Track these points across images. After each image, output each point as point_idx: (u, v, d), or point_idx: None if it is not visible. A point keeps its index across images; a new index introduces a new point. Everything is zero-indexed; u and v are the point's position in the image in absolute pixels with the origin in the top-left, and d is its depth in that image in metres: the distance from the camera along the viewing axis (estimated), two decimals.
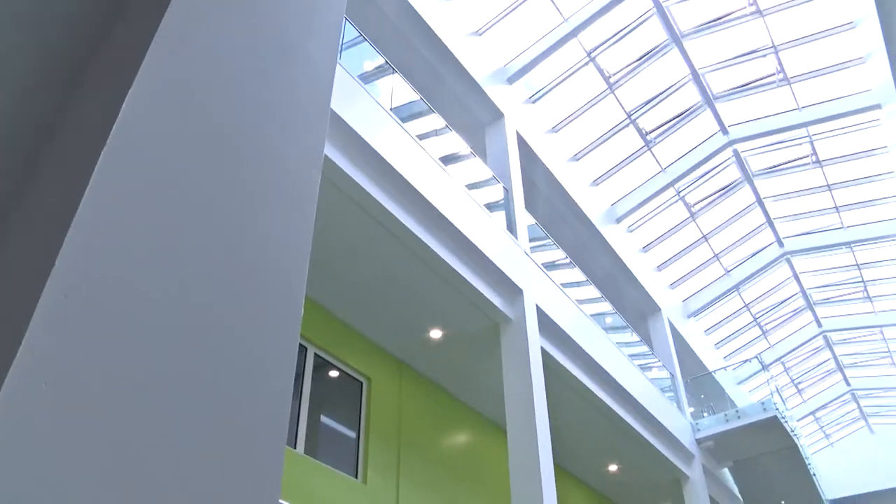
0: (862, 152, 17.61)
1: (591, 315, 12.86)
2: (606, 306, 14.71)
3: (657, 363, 16.44)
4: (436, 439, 11.60)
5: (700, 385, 18.40)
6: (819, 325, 25.55)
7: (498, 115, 12.34)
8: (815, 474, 17.01)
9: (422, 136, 9.38)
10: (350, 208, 8.14)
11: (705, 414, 16.99)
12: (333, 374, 10.16)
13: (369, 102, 8.16)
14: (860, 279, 23.03)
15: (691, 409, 16.85)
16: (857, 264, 22.17)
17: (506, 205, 11.18)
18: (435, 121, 10.25)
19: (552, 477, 8.97)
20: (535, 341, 9.98)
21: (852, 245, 21.09)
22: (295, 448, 8.84)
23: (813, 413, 30.31)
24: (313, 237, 1.78)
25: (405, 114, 9.52)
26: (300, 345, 9.40)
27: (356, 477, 9.70)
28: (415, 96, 9.97)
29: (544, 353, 10.45)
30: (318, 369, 9.85)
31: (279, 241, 1.73)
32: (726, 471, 17.12)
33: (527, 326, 9.90)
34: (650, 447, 13.95)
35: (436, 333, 10.75)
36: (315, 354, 9.78)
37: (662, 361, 16.69)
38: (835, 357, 27.84)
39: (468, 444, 12.38)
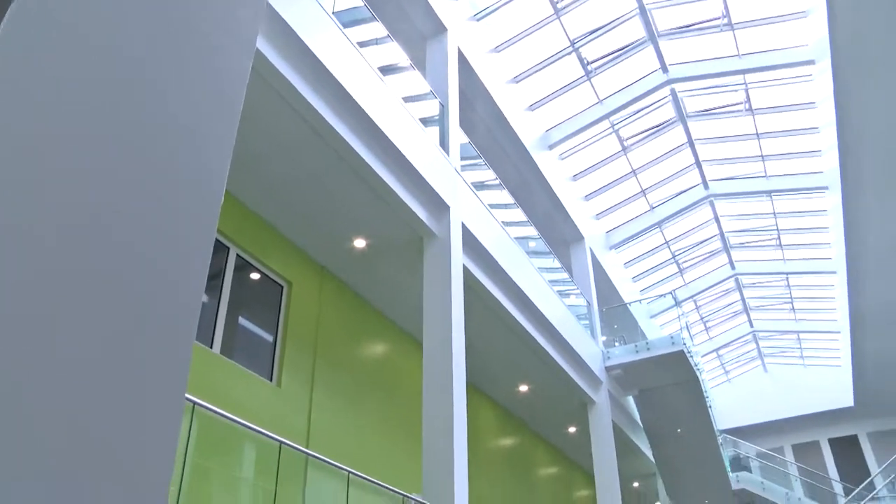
0: (792, 105, 18.00)
1: (516, 238, 13.04)
2: (531, 231, 14.94)
3: (575, 291, 16.86)
4: (352, 348, 11.76)
5: (614, 315, 18.97)
6: (732, 267, 26.50)
7: (441, 29, 12.16)
8: (710, 406, 17.87)
9: (362, 44, 9.21)
10: (283, 108, 8.00)
11: (617, 343, 17.58)
12: (254, 276, 10.13)
13: (311, 2, 7.95)
14: (775, 228, 23.85)
15: (604, 338, 17.41)
16: (774, 213, 22.92)
17: (440, 121, 11.14)
18: (376, 29, 10.06)
19: (464, 393, 9.23)
20: (458, 259, 10.11)
21: (772, 194, 21.75)
22: (211, 348, 8.85)
23: (716, 350, 31.70)
24: (243, 137, 1.77)
25: (347, 19, 9.30)
26: (222, 244, 9.35)
27: (271, 380, 9.80)
28: (358, 2, 9.74)
29: (466, 271, 10.60)
30: (240, 270, 9.80)
31: (202, 128, 1.71)
32: (630, 398, 17.84)
33: (451, 243, 10.00)
34: (561, 371, 14.41)
35: (360, 243, 10.79)
36: (237, 255, 9.71)
37: (581, 289, 17.12)
38: (743, 299, 29.00)
39: (384, 354, 12.58)
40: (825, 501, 19.87)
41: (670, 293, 22.04)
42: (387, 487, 7.35)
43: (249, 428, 5.69)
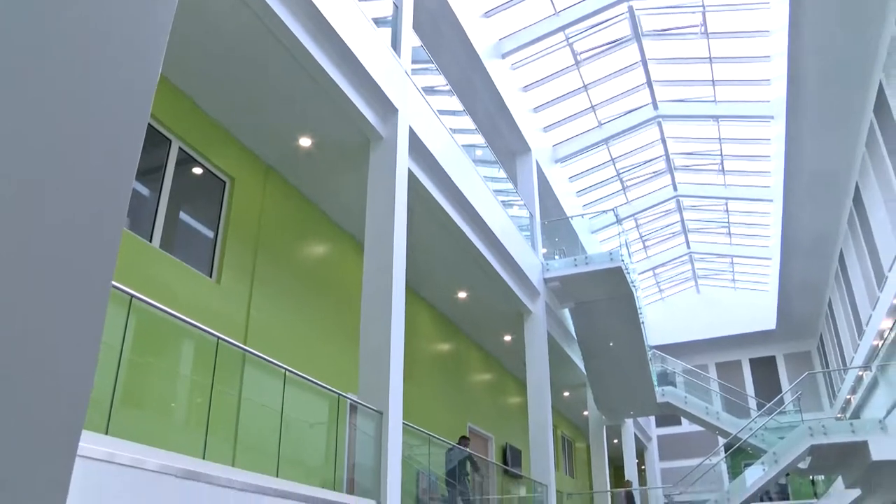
0: (746, 32, 18.03)
1: (463, 146, 13.02)
2: (478, 139, 14.91)
3: (519, 202, 16.99)
4: (294, 247, 11.75)
5: (556, 228, 19.22)
6: (675, 189, 26.96)
7: None
8: (643, 322, 18.40)
9: None
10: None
11: (556, 256, 17.85)
12: (197, 170, 9.96)
13: None
14: (719, 153, 24.22)
15: (544, 250, 17.66)
16: (719, 138, 23.23)
17: (393, 22, 10.91)
18: None
19: (402, 296, 9.35)
20: (404, 162, 10.08)
21: (719, 119, 22.00)
22: (151, 242, 8.76)
23: (653, 269, 32.52)
24: (188, 29, 1.73)
25: None
26: (164, 137, 9.15)
27: (211, 276, 9.77)
28: None
29: (411, 175, 10.58)
30: (182, 164, 9.62)
31: (137, 8, 1.65)
32: (566, 310, 18.27)
33: (397, 146, 9.94)
34: (500, 280, 14.64)
35: (305, 142, 10.66)
36: (179, 148, 9.52)
37: (524, 201, 17.26)
38: (682, 221, 29.62)
39: (325, 255, 12.61)
40: (740, 415, 20.85)
41: (612, 210, 22.36)
42: (323, 386, 7.49)
43: (187, 322, 5.70)
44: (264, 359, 6.63)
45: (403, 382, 8.98)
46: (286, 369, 6.85)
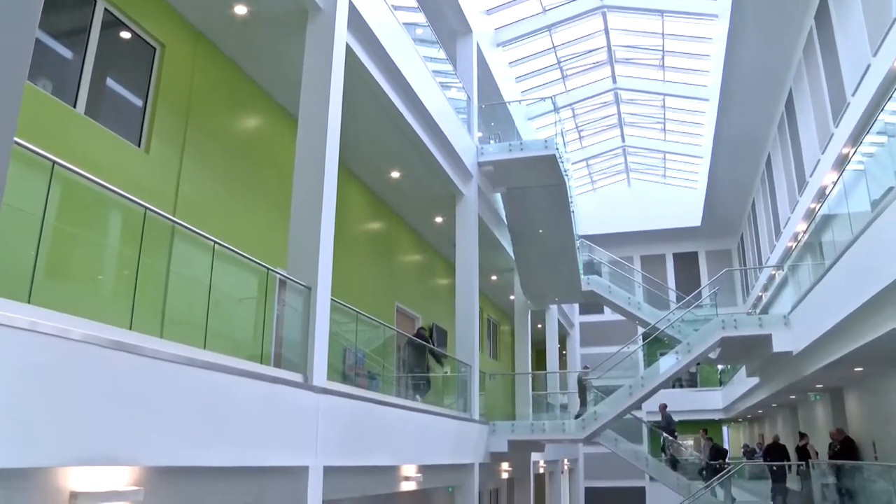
0: None
1: (403, 24, 12.67)
2: (420, 17, 14.52)
3: (457, 84, 16.75)
4: (226, 118, 11.44)
5: (493, 113, 19.08)
6: (614, 81, 26.93)
7: None
8: (573, 212, 18.67)
9: None
10: None
11: (492, 141, 17.80)
12: (125, 35, 9.48)
13: None
14: (661, 48, 24.14)
15: (480, 134, 17.57)
16: (662, 33, 23.11)
17: None
18: None
19: (335, 173, 9.25)
20: (342, 36, 9.78)
21: (664, 14, 21.83)
22: (75, 107, 8.39)
23: (586, 160, 32.82)
24: None
25: None
26: None
27: (139, 145, 9.47)
28: None
29: (349, 49, 10.29)
30: (108, 28, 9.11)
31: None
32: (498, 195, 18.39)
33: (336, 19, 9.61)
34: (434, 161, 14.58)
35: (241, 10, 10.24)
36: (105, 10, 9.00)
37: (463, 83, 17.03)
38: (619, 114, 29.76)
39: (258, 128, 12.33)
40: (660, 306, 21.65)
41: (550, 98, 22.26)
42: (252, 260, 7.46)
43: (113, 191, 5.55)
44: (193, 231, 6.55)
45: (333, 260, 9.01)
46: (215, 242, 6.79)
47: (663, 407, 22.25)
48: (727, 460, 20.89)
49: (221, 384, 6.35)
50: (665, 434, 20.91)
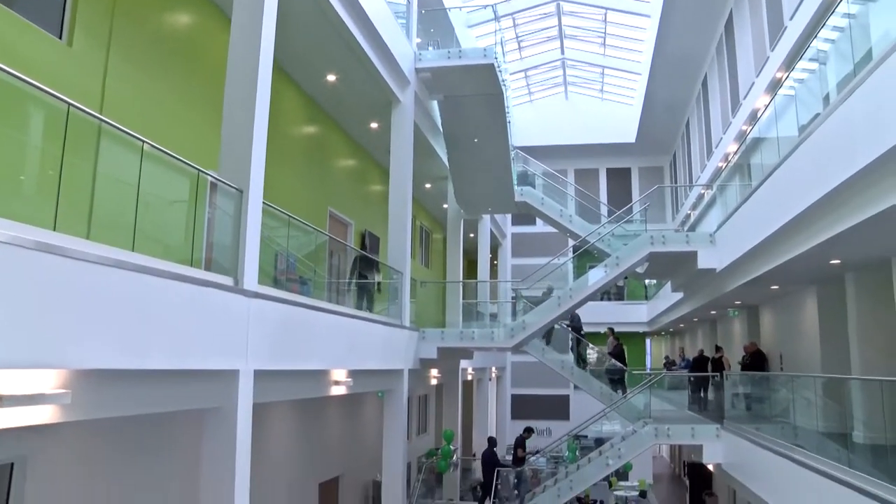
0: None
1: None
2: None
3: None
4: (156, 12, 10.91)
5: (432, 19, 18.65)
6: None
7: None
8: (510, 122, 18.61)
9: None
10: None
11: (430, 47, 17.48)
12: None
13: None
14: None
15: (418, 40, 17.20)
16: None
17: None
18: None
19: (269, 74, 8.97)
20: None
21: None
22: None
23: (525, 71, 32.58)
24: None
25: None
26: None
27: (60, 38, 8.95)
28: None
29: None
30: None
31: None
32: (435, 103, 18.18)
33: None
34: (371, 65, 14.26)
35: None
36: None
37: None
38: (560, 26, 29.45)
39: (190, 24, 11.82)
40: (591, 220, 21.95)
41: (491, 6, 21.87)
42: (182, 161, 7.26)
43: (32, 85, 5.25)
44: (120, 129, 6.31)
45: (266, 163, 8.84)
46: (143, 141, 6.57)
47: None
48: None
49: (151, 287, 6.26)
50: (572, 332, 21.44)
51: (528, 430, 19.05)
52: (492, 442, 18.31)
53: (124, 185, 6.68)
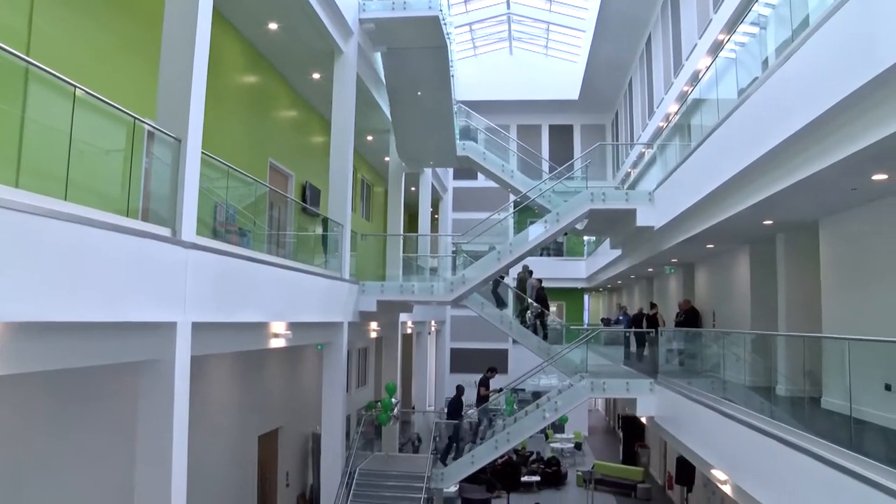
0: None
1: None
2: None
3: None
4: None
5: None
6: None
7: None
8: (453, 76, 18.47)
9: None
10: None
11: None
12: None
13: None
14: None
15: None
16: None
17: None
18: None
19: (209, 19, 8.72)
20: None
21: None
22: None
23: (470, 24, 32.30)
24: None
25: None
26: None
27: None
28: None
29: None
30: None
31: None
32: (378, 55, 17.93)
33: None
34: (313, 14, 13.95)
35: None
36: None
37: None
38: None
39: None
40: (533, 176, 22.06)
41: None
42: (117, 107, 7.04)
43: None
44: (48, 72, 6.07)
45: (205, 112, 8.65)
46: (75, 86, 6.35)
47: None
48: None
49: (85, 237, 6.11)
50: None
51: (492, 370, 19.30)
52: (460, 390, 18.53)
53: (56, 132, 6.45)
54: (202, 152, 8.56)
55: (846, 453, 6.83)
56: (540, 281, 22.19)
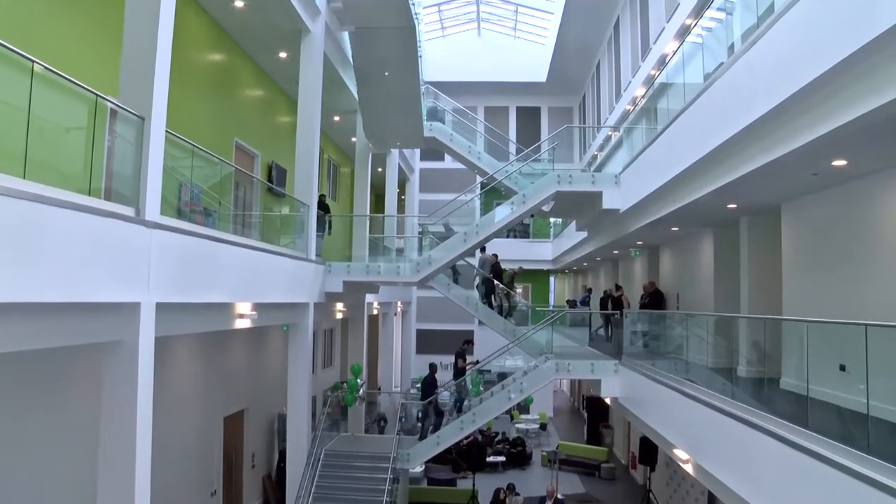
0: None
1: None
2: None
3: None
4: None
5: None
6: None
7: None
8: (421, 57, 18.38)
9: None
10: None
11: None
12: None
13: None
14: None
15: None
16: None
17: None
18: None
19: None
20: None
21: None
22: None
23: (438, 5, 32.14)
24: None
25: None
26: None
27: None
28: None
29: None
30: None
31: None
32: (346, 34, 17.78)
33: None
34: None
35: None
36: None
37: None
38: None
39: None
40: (500, 158, 22.11)
41: None
42: (78, 84, 6.91)
43: None
44: (5, 46, 5.90)
45: (169, 90, 8.53)
46: (34, 61, 6.21)
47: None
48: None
49: (45, 217, 6.01)
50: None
51: (468, 342, 19.38)
52: (433, 368, 18.57)
53: (14, 108, 6.31)
54: (166, 131, 8.45)
55: (803, 432, 6.99)
56: (496, 256, 22.27)
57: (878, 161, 8.25)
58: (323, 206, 18.28)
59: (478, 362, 19.23)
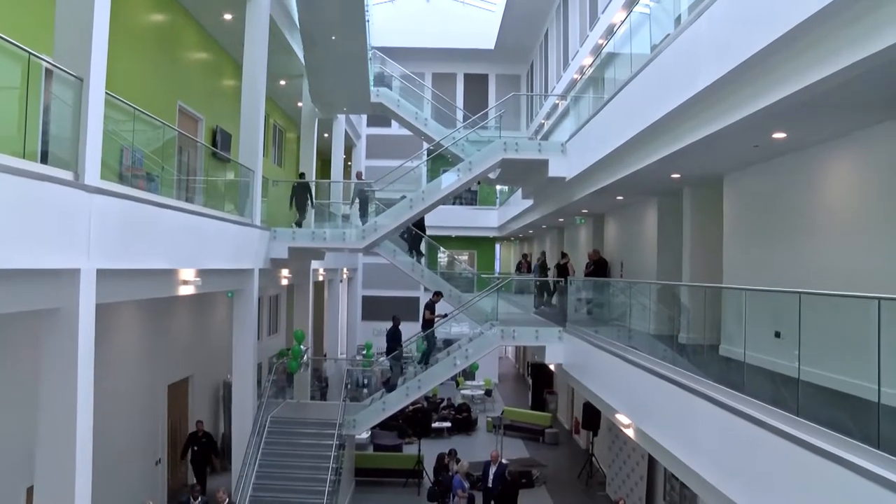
0: None
1: None
2: None
3: None
4: None
5: None
6: None
7: None
8: (369, 21, 18.14)
9: None
10: None
11: None
12: None
13: None
14: None
15: None
16: None
17: None
18: None
19: None
20: None
21: None
22: None
23: None
24: None
25: None
26: None
27: None
28: None
29: None
30: None
31: None
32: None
33: None
34: None
35: None
36: None
37: None
38: None
39: None
40: (447, 125, 22.05)
41: None
42: (10, 41, 6.66)
43: None
44: None
45: (109, 51, 8.28)
46: None
47: (359, 174, 24.07)
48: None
49: None
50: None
51: (438, 294, 19.31)
52: (396, 320, 18.52)
53: None
54: (106, 93, 8.22)
55: (738, 396, 7.19)
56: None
57: (818, 133, 8.45)
58: (304, 186, 18.86)
59: (446, 315, 19.14)
